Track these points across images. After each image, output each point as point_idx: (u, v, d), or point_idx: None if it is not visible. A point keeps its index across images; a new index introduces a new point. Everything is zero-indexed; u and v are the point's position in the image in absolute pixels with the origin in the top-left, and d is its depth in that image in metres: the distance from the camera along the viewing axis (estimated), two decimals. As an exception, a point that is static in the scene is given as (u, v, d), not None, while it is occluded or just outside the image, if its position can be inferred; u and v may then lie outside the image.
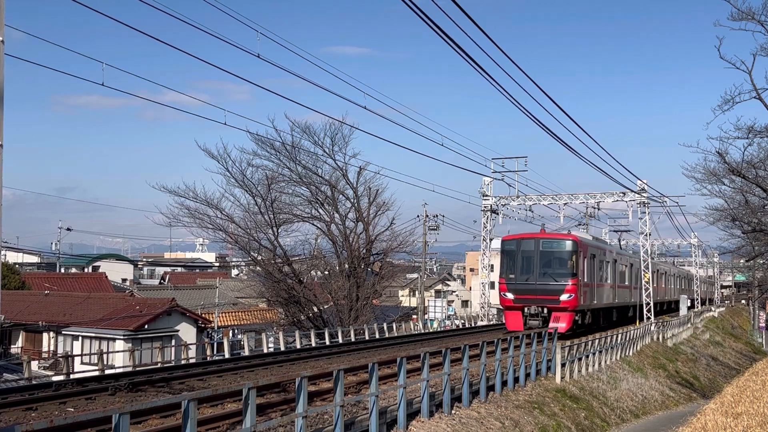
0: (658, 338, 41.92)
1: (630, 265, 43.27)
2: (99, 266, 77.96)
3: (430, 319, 56.85)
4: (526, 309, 30.95)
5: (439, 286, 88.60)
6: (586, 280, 32.39)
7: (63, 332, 38.45)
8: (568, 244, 31.45)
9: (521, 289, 31.02)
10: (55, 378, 22.18)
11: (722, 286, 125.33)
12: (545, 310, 30.68)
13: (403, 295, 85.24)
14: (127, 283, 74.31)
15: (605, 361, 29.00)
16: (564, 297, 30.53)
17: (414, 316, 55.44)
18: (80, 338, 36.75)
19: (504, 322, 33.25)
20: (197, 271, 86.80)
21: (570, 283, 30.64)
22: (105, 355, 26.36)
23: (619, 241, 58.52)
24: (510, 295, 31.21)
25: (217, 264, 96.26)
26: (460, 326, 51.19)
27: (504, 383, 20.22)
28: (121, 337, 35.32)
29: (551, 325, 29.62)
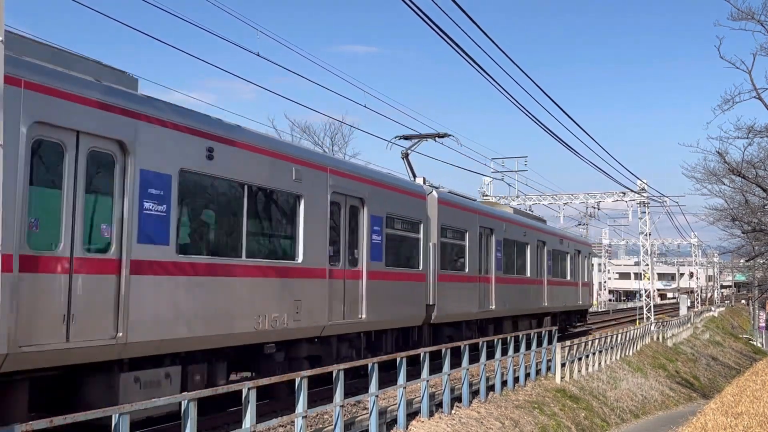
0: (658, 338, 41.95)
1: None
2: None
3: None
4: None
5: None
6: None
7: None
8: None
9: None
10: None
11: (722, 286, 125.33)
12: None
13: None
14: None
15: (605, 361, 28.99)
16: None
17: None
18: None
19: None
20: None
21: None
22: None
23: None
24: None
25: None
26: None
27: (504, 383, 20.22)
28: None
29: None
